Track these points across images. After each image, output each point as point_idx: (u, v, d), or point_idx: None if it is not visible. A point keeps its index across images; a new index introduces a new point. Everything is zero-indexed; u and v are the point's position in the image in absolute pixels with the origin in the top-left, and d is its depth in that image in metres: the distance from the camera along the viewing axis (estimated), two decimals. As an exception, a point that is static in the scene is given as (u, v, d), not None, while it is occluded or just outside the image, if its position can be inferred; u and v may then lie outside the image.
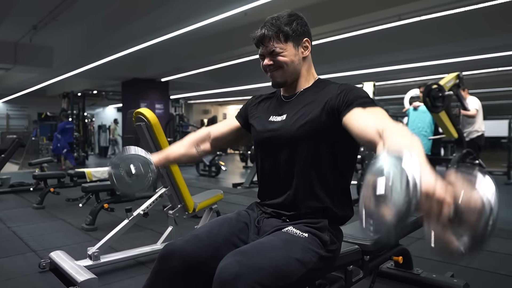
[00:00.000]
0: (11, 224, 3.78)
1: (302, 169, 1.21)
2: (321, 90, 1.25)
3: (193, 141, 1.45)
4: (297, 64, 1.26)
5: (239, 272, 0.97)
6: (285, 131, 1.23)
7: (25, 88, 13.08)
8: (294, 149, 1.22)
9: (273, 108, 1.33)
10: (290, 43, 1.23)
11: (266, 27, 1.24)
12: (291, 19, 1.24)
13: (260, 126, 1.32)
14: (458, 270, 2.44)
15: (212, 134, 1.45)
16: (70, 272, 2.17)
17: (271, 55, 1.24)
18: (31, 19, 6.83)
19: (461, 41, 6.42)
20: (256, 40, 1.26)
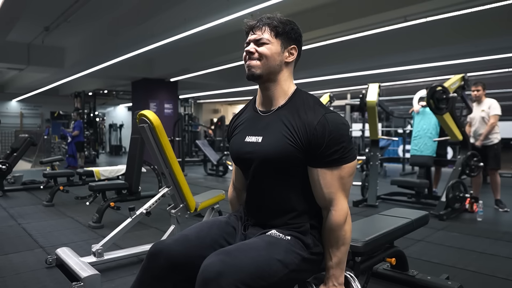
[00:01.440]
0: (22, 221, 3.90)
1: (276, 190, 1.26)
2: (298, 111, 1.22)
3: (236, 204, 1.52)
4: (277, 63, 1.25)
5: (221, 270, 1.01)
6: (259, 155, 1.24)
7: (38, 88, 13.32)
8: (267, 172, 1.25)
9: (249, 125, 1.33)
10: (279, 40, 1.25)
11: (262, 18, 1.27)
12: (288, 22, 1.27)
13: (236, 147, 1.34)
14: (455, 273, 2.46)
15: (236, 185, 1.50)
16: (74, 268, 2.24)
17: (256, 43, 1.25)
18: (43, 21, 6.99)
19: (470, 41, 6.36)
20: (248, 27, 1.28)
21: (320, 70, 9.08)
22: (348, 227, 1.22)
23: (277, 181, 1.25)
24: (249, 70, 1.26)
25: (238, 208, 1.49)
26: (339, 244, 1.21)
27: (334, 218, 1.19)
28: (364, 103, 4.80)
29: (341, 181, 1.19)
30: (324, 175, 1.18)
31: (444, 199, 4.12)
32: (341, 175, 1.19)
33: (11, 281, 2.35)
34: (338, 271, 1.22)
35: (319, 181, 1.19)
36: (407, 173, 8.36)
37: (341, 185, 1.19)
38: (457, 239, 3.30)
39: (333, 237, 1.21)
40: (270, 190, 1.27)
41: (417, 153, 5.00)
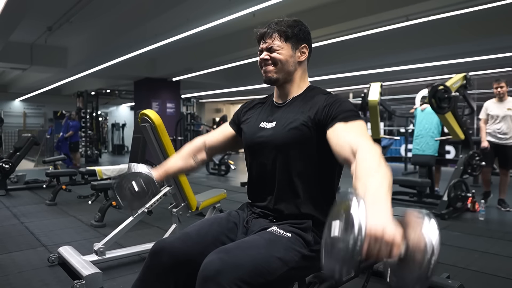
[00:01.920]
0: (25, 220, 3.92)
1: (286, 176, 1.27)
2: (311, 100, 1.29)
3: (190, 152, 1.50)
4: (291, 65, 1.32)
5: (220, 268, 1.02)
6: (273, 138, 1.28)
7: (41, 87, 13.38)
8: (281, 156, 1.27)
9: (264, 114, 1.38)
10: (289, 43, 1.30)
11: (270, 25, 1.31)
12: (295, 24, 1.31)
13: (250, 132, 1.37)
14: (456, 272, 2.46)
15: (208, 143, 1.50)
16: (76, 267, 2.27)
17: (268, 51, 1.31)
18: (46, 21, 7.01)
19: (473, 40, 6.35)
20: (258, 35, 1.33)
21: (322, 69, 9.08)
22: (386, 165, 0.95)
23: (287, 165, 1.26)
24: (266, 75, 1.33)
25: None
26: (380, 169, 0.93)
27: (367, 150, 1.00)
28: (366, 102, 4.80)
29: (361, 130, 1.14)
30: (344, 126, 1.15)
31: (446, 198, 4.11)
32: (359, 126, 1.16)
33: (14, 279, 2.37)
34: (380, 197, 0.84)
35: (338, 134, 1.14)
36: (409, 172, 8.35)
37: (362, 133, 1.13)
38: (458, 239, 3.30)
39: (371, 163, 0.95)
40: (279, 174, 1.28)
41: (419, 153, 4.99)
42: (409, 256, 0.73)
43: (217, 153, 1.56)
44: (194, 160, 1.49)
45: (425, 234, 0.73)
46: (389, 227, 0.74)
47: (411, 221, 0.75)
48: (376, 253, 0.73)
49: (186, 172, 1.54)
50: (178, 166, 1.48)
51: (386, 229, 0.73)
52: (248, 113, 1.45)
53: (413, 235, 0.73)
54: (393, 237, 0.73)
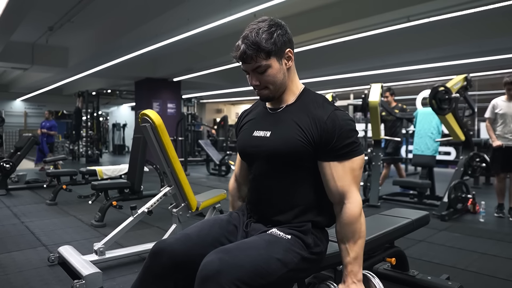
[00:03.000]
0: (25, 219, 3.93)
1: (281, 186, 1.27)
2: (306, 109, 1.25)
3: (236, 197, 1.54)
4: (283, 79, 1.26)
5: (219, 268, 1.02)
6: (267, 149, 1.26)
7: (42, 87, 13.39)
8: (274, 166, 1.26)
9: (258, 121, 1.35)
10: (273, 58, 1.21)
11: (245, 44, 1.19)
12: (271, 32, 1.20)
13: (243, 140, 1.36)
14: (456, 273, 2.46)
15: (238, 178, 1.52)
16: (76, 266, 2.27)
17: (255, 72, 1.24)
18: (47, 21, 7.02)
19: (474, 41, 6.34)
20: (237, 58, 1.23)
21: (322, 70, 9.08)
22: (363, 219, 1.22)
23: (283, 176, 1.26)
24: (261, 96, 1.30)
25: (240, 205, 1.50)
26: (356, 237, 1.20)
27: (350, 211, 1.20)
28: (366, 103, 4.80)
29: (353, 174, 1.20)
30: (336, 168, 1.19)
31: (446, 200, 4.11)
32: (353, 167, 1.20)
33: (14, 278, 2.38)
34: (356, 267, 1.21)
35: (331, 174, 1.20)
36: (410, 173, 8.34)
37: (353, 177, 1.20)
38: (458, 240, 3.30)
39: (349, 231, 1.20)
40: (275, 185, 1.27)
41: (419, 153, 4.99)
42: None
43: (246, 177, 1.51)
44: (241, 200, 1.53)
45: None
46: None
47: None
48: None
49: None
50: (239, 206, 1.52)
51: None
52: (244, 122, 1.43)
53: None
54: None
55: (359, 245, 1.21)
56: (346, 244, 1.21)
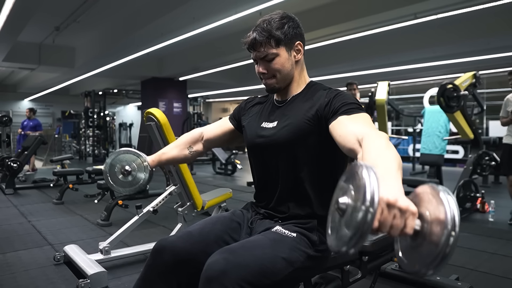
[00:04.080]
0: (32, 218, 3.94)
1: (289, 176, 1.24)
2: (311, 97, 1.26)
3: (186, 142, 1.48)
4: (290, 69, 1.27)
5: (224, 269, 1.00)
6: (275, 138, 1.25)
7: (49, 87, 13.50)
8: (283, 156, 1.24)
9: (265, 113, 1.35)
10: (282, 47, 1.23)
11: (257, 31, 1.23)
12: (283, 22, 1.23)
13: (251, 132, 1.34)
14: (465, 273, 2.42)
15: (205, 135, 1.48)
16: (81, 265, 2.27)
17: (263, 61, 1.25)
18: (53, 21, 7.07)
19: (482, 39, 6.26)
20: (247, 45, 1.25)
21: (329, 68, 9.04)
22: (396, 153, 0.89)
23: (290, 165, 1.23)
24: (268, 87, 1.29)
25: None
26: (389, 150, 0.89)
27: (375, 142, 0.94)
28: (373, 101, 4.77)
29: (366, 121, 1.09)
30: (347, 118, 1.10)
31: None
32: (363, 118, 1.11)
33: (20, 277, 2.38)
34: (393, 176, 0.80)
35: (345, 123, 1.08)
36: (417, 172, 8.27)
37: (368, 123, 1.08)
38: (467, 239, 3.25)
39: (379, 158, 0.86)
40: (282, 174, 1.25)
41: (426, 152, 4.94)
42: (426, 229, 0.64)
43: (214, 146, 1.53)
44: (189, 150, 1.47)
45: (445, 206, 0.63)
46: (402, 196, 0.67)
47: (427, 194, 0.67)
48: (390, 224, 0.65)
49: (179, 162, 1.54)
50: (172, 154, 1.47)
51: (399, 197, 0.66)
52: (249, 111, 1.42)
53: (430, 207, 0.65)
54: (407, 205, 0.65)
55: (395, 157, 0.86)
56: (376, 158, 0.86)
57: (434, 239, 0.63)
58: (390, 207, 0.65)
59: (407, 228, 0.65)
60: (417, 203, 0.68)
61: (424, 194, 0.68)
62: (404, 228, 0.65)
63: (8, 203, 4.76)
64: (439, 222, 0.63)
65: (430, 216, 0.65)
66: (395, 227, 0.65)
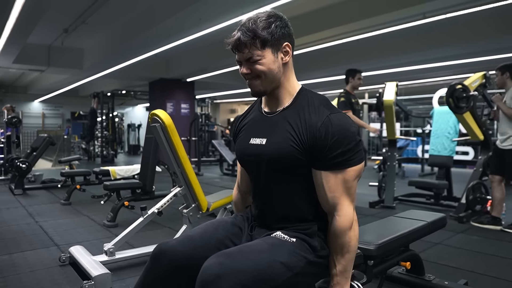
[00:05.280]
0: (39, 219, 3.97)
1: (281, 193, 1.22)
2: (303, 112, 1.18)
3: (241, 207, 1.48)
4: (276, 72, 1.19)
5: (219, 273, 0.99)
6: (264, 157, 1.21)
7: (59, 89, 13.63)
8: (273, 174, 1.21)
9: (254, 126, 1.30)
10: (268, 49, 1.16)
11: (241, 31, 1.15)
12: (269, 22, 1.15)
13: (240, 148, 1.31)
14: (475, 278, 2.37)
15: (242, 187, 1.47)
16: (86, 267, 2.26)
17: (248, 62, 1.18)
18: (62, 23, 7.13)
19: (493, 38, 6.16)
20: (231, 46, 1.18)
21: (337, 69, 8.96)
22: (354, 234, 1.16)
23: (282, 184, 1.21)
24: (252, 88, 1.23)
25: (245, 209, 1.46)
26: (344, 251, 1.16)
27: (338, 224, 1.15)
28: (381, 102, 4.71)
29: (345, 185, 1.14)
30: (328, 178, 1.13)
31: (464, 201, 3.99)
32: (346, 179, 1.13)
33: (25, 278, 2.39)
34: (343, 280, 1.17)
35: (322, 184, 1.15)
36: (426, 173, 8.17)
37: (346, 189, 1.14)
38: (477, 243, 3.19)
39: (337, 244, 1.16)
40: (275, 192, 1.23)
41: (435, 153, 4.87)
42: None
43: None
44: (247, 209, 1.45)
45: None
46: None
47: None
48: None
49: None
50: None
51: None
52: (241, 126, 1.37)
53: None
54: None
55: (347, 259, 1.16)
56: (334, 255, 1.17)
57: None
58: None
59: None
60: None
61: None
62: None
63: (16, 204, 4.81)
64: None
65: None
66: None
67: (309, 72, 9.04)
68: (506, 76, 3.67)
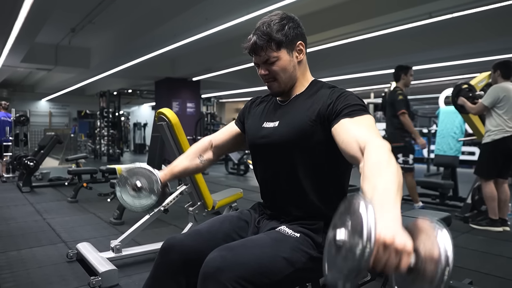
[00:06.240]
0: (47, 216, 4.02)
1: (292, 176, 1.22)
2: (314, 95, 1.24)
3: (196, 151, 1.45)
4: (292, 71, 1.25)
5: (220, 266, 1.00)
6: (276, 138, 1.23)
7: (66, 88, 13.74)
8: (285, 156, 1.22)
9: (267, 113, 1.34)
10: (284, 49, 1.21)
11: (257, 35, 1.21)
12: (283, 24, 1.21)
13: (252, 132, 1.33)
14: (479, 278, 2.37)
15: (214, 142, 1.46)
16: (93, 263, 2.30)
17: (265, 64, 1.23)
18: (69, 23, 7.20)
19: (499, 38, 6.13)
20: (248, 50, 1.24)
21: (343, 68, 8.97)
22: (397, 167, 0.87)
23: (293, 165, 1.22)
24: (271, 90, 1.29)
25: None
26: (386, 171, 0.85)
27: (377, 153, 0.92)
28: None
29: (369, 126, 1.07)
30: (350, 122, 1.08)
31: (470, 201, 3.98)
32: (367, 121, 1.09)
33: (34, 273, 2.43)
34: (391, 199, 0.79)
35: (346, 130, 1.06)
36: (432, 173, 8.14)
37: (371, 128, 1.05)
38: (482, 243, 3.18)
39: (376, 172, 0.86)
40: (285, 175, 1.24)
41: (441, 153, 4.85)
42: (420, 267, 0.67)
43: (224, 152, 1.51)
44: (200, 160, 1.45)
45: (438, 243, 0.65)
46: (399, 234, 0.68)
47: (422, 229, 0.69)
48: (385, 262, 0.67)
49: (192, 172, 1.49)
50: (184, 165, 1.44)
51: (396, 236, 0.67)
52: (252, 111, 1.41)
53: (425, 244, 0.67)
54: (403, 245, 0.66)
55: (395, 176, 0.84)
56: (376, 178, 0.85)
57: (428, 276, 0.65)
58: (386, 247, 0.67)
59: (401, 266, 0.67)
60: (414, 237, 0.69)
61: (420, 228, 0.70)
62: (398, 266, 0.67)
63: (24, 201, 4.87)
64: (433, 260, 0.65)
65: (425, 253, 0.66)
66: (390, 266, 0.67)
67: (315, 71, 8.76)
68: (497, 74, 3.64)
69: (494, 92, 3.50)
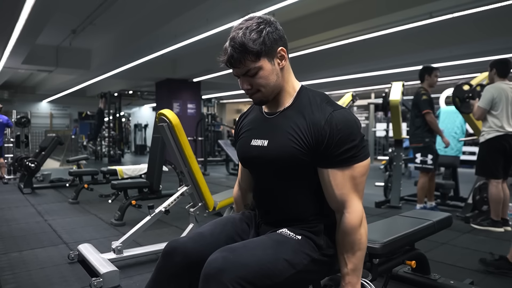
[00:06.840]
0: (48, 217, 4.03)
1: (284, 193, 1.23)
2: (304, 111, 1.17)
3: (240, 205, 1.49)
4: (276, 79, 1.17)
5: (222, 267, 1.00)
6: (265, 159, 1.20)
7: (67, 89, 13.75)
8: (275, 176, 1.22)
9: (255, 127, 1.29)
10: (264, 58, 1.12)
11: (232, 47, 1.11)
12: (260, 30, 1.11)
13: (241, 149, 1.31)
14: (480, 278, 2.36)
15: (243, 184, 1.47)
16: (94, 264, 2.31)
17: (246, 76, 1.16)
18: (70, 24, 7.21)
19: (499, 38, 6.12)
20: (225, 63, 1.15)
21: (343, 69, 8.96)
22: (364, 230, 1.15)
23: (285, 185, 1.22)
24: (254, 100, 1.21)
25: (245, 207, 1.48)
26: (355, 249, 1.14)
27: (348, 221, 1.13)
28: (387, 102, 4.70)
29: (354, 182, 1.13)
30: (335, 175, 1.12)
31: (471, 201, 3.98)
32: (353, 175, 1.13)
33: (36, 274, 2.43)
34: (354, 279, 1.16)
35: (330, 182, 1.14)
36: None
37: (354, 185, 1.13)
38: (483, 243, 3.18)
39: (348, 242, 1.14)
40: (278, 193, 1.24)
41: (442, 153, 4.85)
42: None
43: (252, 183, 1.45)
44: (247, 208, 1.46)
45: None
46: None
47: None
48: None
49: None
50: None
51: None
52: (243, 126, 1.37)
53: None
54: None
55: (358, 256, 1.15)
56: (344, 254, 1.16)
57: None
58: None
59: None
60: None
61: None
62: None
63: (26, 202, 4.87)
64: None
65: None
66: None
67: (314, 72, 9.05)
68: (493, 72, 3.63)
69: (487, 93, 3.50)
